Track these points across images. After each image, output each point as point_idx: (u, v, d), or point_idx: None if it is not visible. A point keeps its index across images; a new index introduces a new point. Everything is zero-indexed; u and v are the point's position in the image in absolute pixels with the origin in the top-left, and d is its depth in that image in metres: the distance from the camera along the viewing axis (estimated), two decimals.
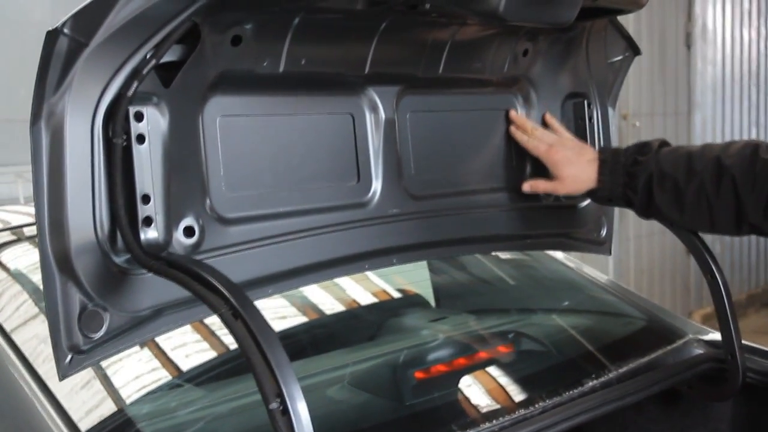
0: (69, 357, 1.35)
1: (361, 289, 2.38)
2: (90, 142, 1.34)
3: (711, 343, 2.18)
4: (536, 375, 2.05)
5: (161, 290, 1.43)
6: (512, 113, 2.04)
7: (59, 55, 1.28)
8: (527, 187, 2.01)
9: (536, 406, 1.82)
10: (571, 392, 1.88)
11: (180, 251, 1.46)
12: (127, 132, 1.38)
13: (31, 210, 1.43)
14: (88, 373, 1.59)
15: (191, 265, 1.37)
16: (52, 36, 1.26)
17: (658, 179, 1.92)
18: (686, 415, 2.21)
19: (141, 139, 1.39)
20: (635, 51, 2.17)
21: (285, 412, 1.21)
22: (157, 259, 1.39)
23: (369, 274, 2.32)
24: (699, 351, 2.16)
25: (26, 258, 1.81)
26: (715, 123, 8.27)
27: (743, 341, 2.09)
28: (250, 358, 1.25)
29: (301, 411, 1.21)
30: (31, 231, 1.86)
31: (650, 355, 2.11)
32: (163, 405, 1.70)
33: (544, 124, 2.09)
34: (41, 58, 1.28)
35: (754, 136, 9.05)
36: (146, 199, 1.40)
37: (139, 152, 1.39)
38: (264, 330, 1.25)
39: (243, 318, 1.27)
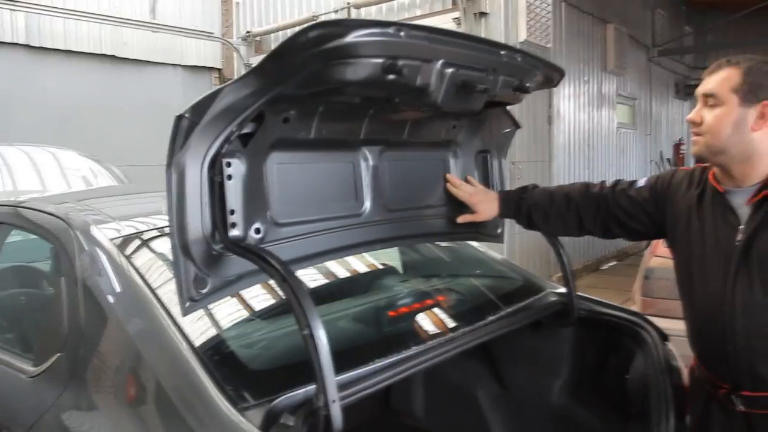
0: (188, 303, 1.35)
1: (359, 264, 2.38)
2: (200, 179, 1.35)
3: (560, 294, 2.17)
4: (460, 313, 2.03)
5: (241, 265, 1.44)
6: (448, 176, 2.02)
7: (182, 129, 1.28)
8: (460, 219, 1.99)
9: (461, 330, 1.81)
10: (480, 322, 1.87)
11: (252, 242, 1.46)
12: (221, 173, 1.38)
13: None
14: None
15: (258, 251, 1.38)
16: (178, 118, 1.27)
17: (533, 207, 1.92)
18: (546, 336, 2.20)
19: (230, 177, 1.40)
20: (517, 125, 2.17)
21: (311, 336, 1.22)
22: (238, 247, 1.39)
23: (364, 255, 2.33)
24: (553, 298, 2.15)
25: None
26: (565, 168, 8.28)
27: (578, 292, 2.10)
28: (292, 305, 1.25)
29: (321, 335, 1.22)
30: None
31: (525, 301, 2.09)
32: (243, 330, 1.70)
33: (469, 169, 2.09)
34: (173, 130, 1.29)
35: (586, 177, 9.06)
36: (232, 212, 1.41)
37: (229, 185, 1.40)
38: (299, 289, 1.26)
39: (287, 281, 1.27)
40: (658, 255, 3.62)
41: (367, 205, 1.78)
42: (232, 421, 1.22)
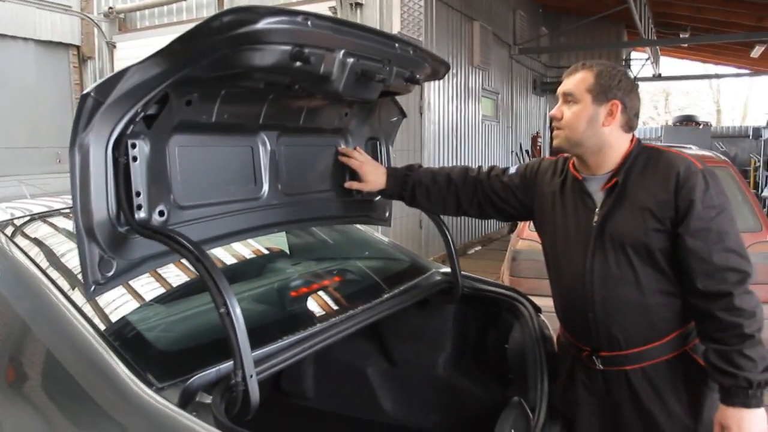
0: (93, 287, 1.33)
1: (249, 249, 2.39)
2: (104, 160, 1.33)
3: (445, 273, 2.30)
4: (353, 293, 2.11)
5: (146, 248, 1.44)
6: (341, 148, 2.10)
7: (87, 109, 1.27)
8: (347, 184, 2.07)
9: (354, 309, 1.89)
10: (372, 302, 1.96)
11: (157, 225, 1.45)
12: (126, 154, 1.37)
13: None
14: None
15: (169, 232, 1.38)
16: (83, 97, 1.25)
17: (417, 185, 2.03)
18: (432, 313, 2.33)
19: (134, 159, 1.39)
20: (404, 115, 2.28)
21: (228, 313, 1.25)
22: (148, 229, 1.39)
23: (260, 239, 2.34)
24: (438, 277, 2.28)
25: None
26: (435, 157, 8.62)
27: (462, 271, 2.25)
28: (207, 284, 1.28)
29: (237, 312, 1.26)
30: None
31: (412, 281, 2.21)
32: (153, 312, 1.67)
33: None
34: (77, 110, 1.26)
35: (454, 163, 9.48)
36: (138, 194, 1.40)
37: (134, 167, 1.39)
38: (214, 268, 1.29)
39: (202, 261, 1.30)
40: (525, 238, 3.92)
41: (266, 188, 1.82)
42: (148, 401, 1.22)
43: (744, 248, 1.62)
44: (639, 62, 15.75)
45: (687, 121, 16.03)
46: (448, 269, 2.29)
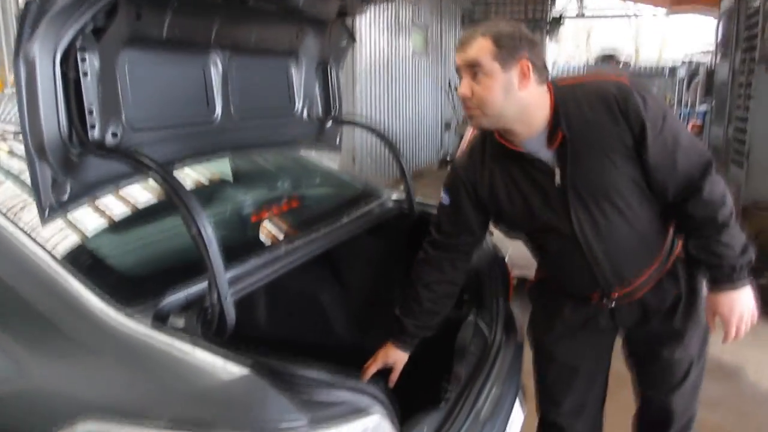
0: (47, 210, 1.26)
1: (199, 178, 2.32)
2: (53, 74, 1.24)
3: (399, 200, 2.31)
4: (307, 219, 2.06)
5: (101, 169, 1.37)
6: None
7: (31, 15, 1.17)
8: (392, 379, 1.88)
9: (310, 235, 1.85)
10: (326, 228, 1.92)
11: (112, 146, 1.38)
12: (76, 69, 1.28)
13: None
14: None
15: (131, 153, 1.33)
16: (27, 3, 1.15)
17: (416, 320, 1.85)
18: (383, 237, 2.33)
19: (85, 74, 1.30)
20: (353, 39, 2.23)
21: (200, 233, 1.22)
22: (107, 149, 1.32)
23: (204, 169, 2.27)
24: (391, 203, 2.28)
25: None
26: (367, 92, 8.54)
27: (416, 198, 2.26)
28: (176, 204, 1.23)
29: (209, 232, 1.22)
30: None
31: (366, 207, 2.19)
32: (112, 238, 1.61)
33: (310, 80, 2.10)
34: (20, 16, 1.17)
35: (386, 100, 9.42)
36: (90, 112, 1.31)
37: (86, 82, 1.31)
38: (182, 188, 1.24)
39: (168, 181, 1.25)
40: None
41: (219, 112, 1.76)
42: (119, 325, 1.18)
43: (694, 137, 1.64)
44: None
45: (608, 59, 16.43)
46: (400, 194, 2.29)
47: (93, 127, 1.32)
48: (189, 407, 1.09)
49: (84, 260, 1.40)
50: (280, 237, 1.90)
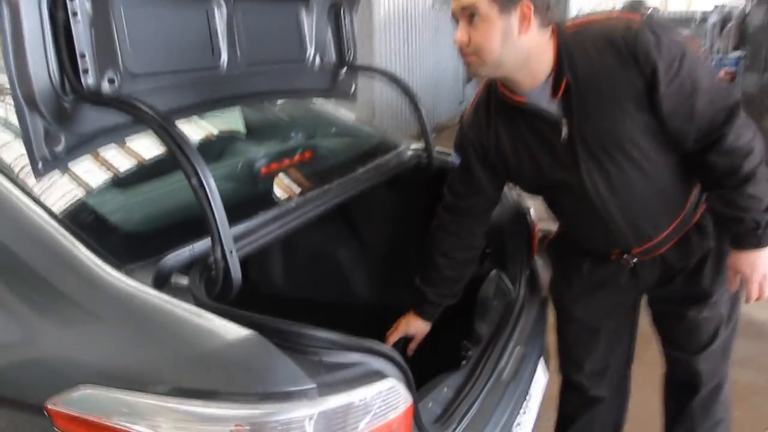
0: (40, 163, 1.18)
1: (210, 129, 2.24)
2: (39, 16, 1.15)
3: (417, 150, 2.19)
4: (320, 171, 1.98)
5: (98, 119, 1.28)
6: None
7: None
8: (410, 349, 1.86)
9: (322, 188, 1.76)
10: (338, 180, 1.83)
11: (109, 93, 1.29)
12: (65, 9, 1.18)
13: None
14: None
15: (128, 100, 1.24)
16: None
17: (436, 287, 1.81)
18: (401, 191, 2.24)
19: (74, 14, 1.20)
20: None
21: (201, 184, 1.13)
22: (101, 96, 1.23)
23: (215, 121, 2.18)
24: (410, 153, 2.17)
25: None
26: (385, 45, 8.34)
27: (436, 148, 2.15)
28: (176, 155, 1.15)
29: (211, 183, 1.14)
30: None
31: (382, 158, 2.08)
32: (112, 194, 1.53)
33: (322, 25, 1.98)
34: None
35: (405, 54, 9.20)
36: (83, 56, 1.22)
37: (76, 24, 1.20)
38: (182, 137, 1.16)
39: (168, 130, 1.16)
40: None
41: (225, 58, 1.65)
42: (118, 283, 1.10)
43: (720, 80, 1.49)
44: None
45: (637, 5, 15.85)
46: (419, 145, 2.19)
47: (86, 72, 1.23)
48: (190, 371, 1.02)
49: (82, 216, 1.31)
50: (291, 190, 1.81)
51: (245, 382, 0.99)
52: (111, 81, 1.31)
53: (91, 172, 1.55)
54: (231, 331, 1.03)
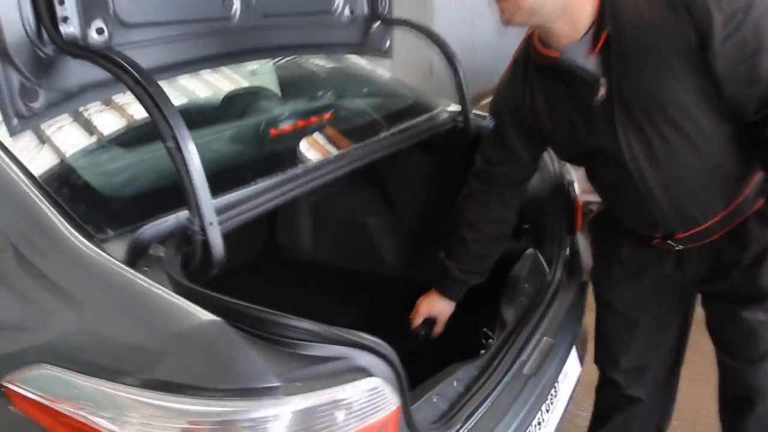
0: (15, 120, 1.09)
1: (231, 85, 2.13)
2: None
3: (454, 112, 2.03)
4: (350, 130, 1.86)
5: (83, 73, 1.17)
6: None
7: None
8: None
9: (345, 149, 1.65)
10: (370, 139, 1.72)
11: (97, 45, 1.18)
12: None
13: None
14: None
15: (102, 51, 1.12)
16: None
17: (463, 264, 1.69)
18: (436, 154, 2.09)
19: None
20: None
21: (178, 148, 1.01)
22: (77, 47, 1.12)
23: (237, 76, 2.06)
24: (446, 115, 2.01)
25: None
26: (449, 30, 7.89)
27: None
28: (151, 113, 1.03)
29: (189, 147, 1.02)
30: None
31: (417, 118, 1.94)
32: (89, 158, 1.44)
33: None
34: None
35: (469, 39, 8.67)
36: (62, 2, 1.10)
37: None
38: (160, 95, 1.03)
39: (143, 85, 1.04)
40: None
41: (237, 7, 1.51)
42: (88, 255, 1.01)
43: None
44: None
45: None
46: (458, 108, 2.02)
47: (65, 20, 1.12)
48: (149, 359, 0.92)
49: (56, 179, 1.21)
50: (305, 152, 1.68)
51: (204, 374, 0.88)
52: (100, 31, 1.20)
53: (73, 129, 1.46)
54: (194, 315, 0.92)
